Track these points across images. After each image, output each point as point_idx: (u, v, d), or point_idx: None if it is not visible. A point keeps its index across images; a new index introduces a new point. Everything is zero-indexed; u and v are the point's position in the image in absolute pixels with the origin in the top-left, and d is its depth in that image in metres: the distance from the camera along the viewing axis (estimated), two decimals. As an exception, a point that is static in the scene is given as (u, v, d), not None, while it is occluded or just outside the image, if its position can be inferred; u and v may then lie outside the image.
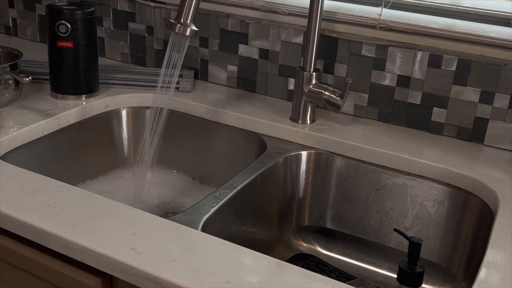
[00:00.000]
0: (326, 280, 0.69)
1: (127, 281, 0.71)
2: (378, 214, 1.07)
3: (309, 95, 1.12)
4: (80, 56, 1.14)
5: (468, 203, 0.98)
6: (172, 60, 1.00)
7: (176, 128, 1.22)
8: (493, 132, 1.09)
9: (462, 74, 1.09)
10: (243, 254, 0.73)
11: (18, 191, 0.83)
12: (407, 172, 1.03)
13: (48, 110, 1.11)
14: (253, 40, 1.26)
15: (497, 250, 0.78)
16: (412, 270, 0.79)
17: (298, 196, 1.11)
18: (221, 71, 1.32)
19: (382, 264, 1.08)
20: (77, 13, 1.12)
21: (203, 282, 0.67)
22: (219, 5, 1.28)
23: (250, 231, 1.02)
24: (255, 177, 0.99)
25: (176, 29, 0.97)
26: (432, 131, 1.15)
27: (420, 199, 1.03)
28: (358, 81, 1.18)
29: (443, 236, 1.02)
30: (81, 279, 0.75)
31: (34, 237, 0.77)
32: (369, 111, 1.19)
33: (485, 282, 0.71)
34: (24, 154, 1.03)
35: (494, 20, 1.14)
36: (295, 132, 1.12)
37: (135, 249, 0.71)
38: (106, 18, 1.42)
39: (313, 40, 1.09)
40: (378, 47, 1.14)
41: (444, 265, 1.02)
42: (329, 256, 1.11)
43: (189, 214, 0.84)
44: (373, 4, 1.23)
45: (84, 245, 0.72)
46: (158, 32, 1.37)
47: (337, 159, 1.08)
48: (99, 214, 0.78)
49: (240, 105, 1.21)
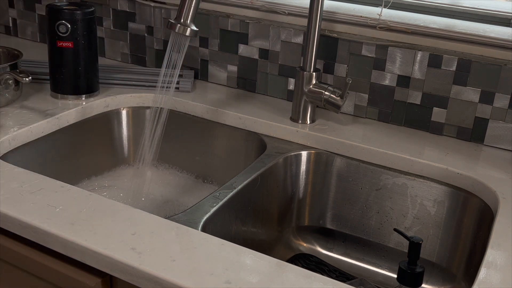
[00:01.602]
0: (326, 280, 0.69)
1: (127, 281, 0.71)
2: (378, 214, 1.07)
3: (309, 95, 1.12)
4: (80, 56, 1.14)
5: (468, 203, 0.98)
6: (172, 60, 1.00)
7: (176, 128, 1.22)
8: (493, 132, 1.09)
9: (462, 74, 1.09)
10: (243, 254, 0.73)
11: (18, 191, 0.83)
12: (407, 172, 1.03)
13: (48, 110, 1.11)
14: (253, 40, 1.26)
15: (497, 250, 0.78)
16: (412, 270, 0.79)
17: (298, 196, 1.11)
18: (221, 71, 1.32)
19: (382, 264, 1.08)
20: (77, 13, 1.12)
21: (203, 282, 0.67)
22: (219, 5, 1.28)
23: (250, 231, 1.02)
24: (255, 177, 0.99)
25: (176, 29, 0.97)
26: (432, 131, 1.15)
27: (420, 199, 1.03)
28: (358, 81, 1.18)
29: (443, 236, 1.02)
30: (81, 279, 0.75)
31: (34, 237, 0.77)
32: (369, 111, 1.19)
33: (485, 282, 0.71)
34: (24, 154, 1.03)
35: (494, 20, 1.14)
36: (295, 132, 1.12)
37: (135, 249, 0.71)
38: (106, 18, 1.42)
39: (313, 40, 1.09)
40: (378, 47, 1.14)
41: (444, 265, 1.02)
42: (329, 256, 1.11)
43: (189, 214, 0.84)
44: (373, 4, 1.23)
45: (84, 245, 0.72)
46: (158, 32, 1.37)
47: (337, 159, 1.08)
48: (99, 214, 0.78)
49: (240, 105, 1.21)
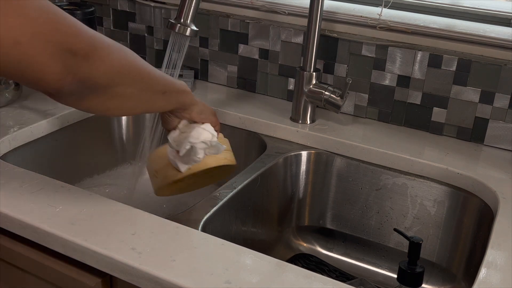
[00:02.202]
0: (326, 280, 0.69)
1: (127, 281, 0.71)
2: (378, 214, 1.07)
3: (309, 95, 1.12)
4: (80, 56, 1.14)
5: (468, 203, 0.98)
6: (172, 60, 1.00)
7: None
8: (493, 132, 1.09)
9: (462, 74, 1.09)
10: (243, 254, 0.73)
11: (18, 191, 0.83)
12: (407, 172, 1.03)
13: (48, 110, 1.11)
14: (253, 40, 1.26)
15: (497, 250, 0.78)
16: (412, 270, 0.79)
17: (298, 196, 1.11)
18: (221, 71, 1.32)
19: (382, 264, 1.08)
20: (77, 13, 1.12)
21: (203, 282, 0.67)
22: (219, 5, 1.28)
23: (250, 231, 1.02)
24: (255, 177, 0.99)
25: (176, 29, 0.97)
26: (432, 131, 1.15)
27: (420, 199, 1.03)
28: (358, 81, 1.18)
29: (443, 236, 1.02)
30: (81, 279, 0.75)
31: (34, 237, 0.77)
32: (369, 111, 1.19)
33: (485, 282, 0.71)
34: (24, 154, 1.03)
35: (494, 20, 1.14)
36: (295, 132, 1.12)
37: (135, 249, 0.71)
38: (106, 18, 1.42)
39: (313, 40, 1.09)
40: (378, 47, 1.14)
41: (444, 265, 1.02)
42: (329, 256, 1.11)
43: (189, 214, 0.84)
44: (373, 4, 1.23)
45: (84, 245, 0.72)
46: (158, 32, 1.37)
47: (337, 159, 1.08)
48: (99, 214, 0.78)
49: (240, 105, 1.21)
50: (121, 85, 0.70)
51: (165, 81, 0.78)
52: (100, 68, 0.65)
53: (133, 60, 0.71)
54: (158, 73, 0.76)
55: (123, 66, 0.69)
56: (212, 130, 0.84)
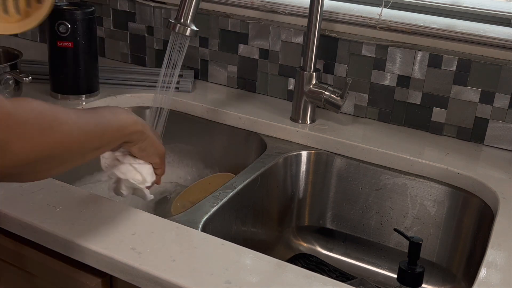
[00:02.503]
0: (326, 280, 0.69)
1: (127, 281, 0.71)
2: (378, 214, 1.07)
3: (309, 95, 1.12)
4: (80, 56, 1.14)
5: (468, 203, 0.98)
6: (172, 60, 1.00)
7: (176, 128, 1.22)
8: (493, 132, 1.09)
9: (462, 74, 1.09)
10: (243, 254, 0.73)
11: (18, 191, 0.83)
12: (407, 172, 1.03)
13: (48, 110, 1.11)
14: (253, 40, 1.26)
15: (497, 250, 0.78)
16: (412, 270, 0.79)
17: (298, 196, 1.11)
18: (221, 71, 1.32)
19: (382, 264, 1.08)
20: (77, 13, 1.12)
21: (203, 282, 0.67)
22: (219, 5, 1.28)
23: (250, 231, 1.02)
24: (255, 177, 0.99)
25: (176, 29, 0.97)
26: (432, 131, 1.15)
27: (420, 199, 1.03)
28: (358, 81, 1.18)
29: (443, 236, 1.02)
30: (81, 279, 0.75)
31: (34, 237, 0.77)
32: (369, 111, 1.19)
33: (485, 282, 0.71)
34: (24, 154, 1.03)
35: (494, 20, 1.14)
36: (295, 132, 1.12)
37: (135, 249, 0.71)
38: (106, 18, 1.42)
39: (313, 40, 1.09)
40: (378, 47, 1.14)
41: (444, 265, 1.02)
42: (329, 256, 1.11)
43: (189, 214, 0.84)
44: (373, 4, 1.23)
45: (84, 245, 0.72)
46: (158, 32, 1.37)
47: (337, 159, 1.08)
48: (99, 214, 0.78)
49: (240, 105, 1.21)
50: (40, 169, 0.60)
51: (101, 133, 0.68)
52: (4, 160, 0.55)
53: (59, 137, 0.60)
54: (90, 127, 0.65)
55: (41, 151, 0.58)
56: (147, 174, 0.77)
